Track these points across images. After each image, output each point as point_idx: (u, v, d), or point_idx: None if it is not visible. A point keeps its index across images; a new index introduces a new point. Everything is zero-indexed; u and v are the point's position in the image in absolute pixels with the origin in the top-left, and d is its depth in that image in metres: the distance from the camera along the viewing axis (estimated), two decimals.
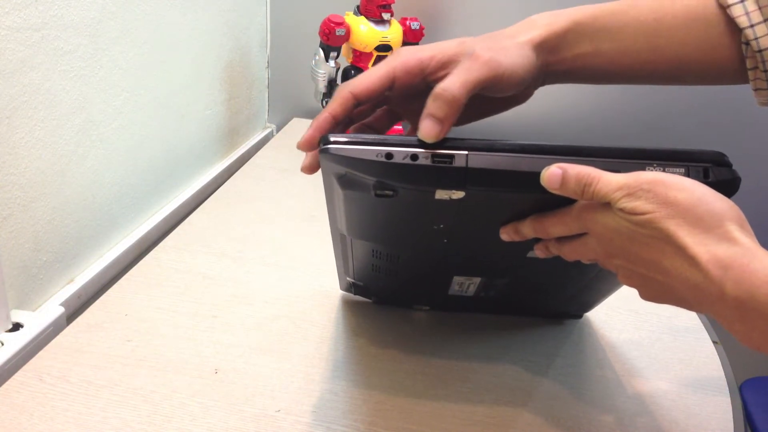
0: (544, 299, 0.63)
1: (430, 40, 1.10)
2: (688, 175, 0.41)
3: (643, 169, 0.41)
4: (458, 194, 0.43)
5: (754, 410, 0.81)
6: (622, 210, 0.39)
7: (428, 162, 0.42)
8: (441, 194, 0.43)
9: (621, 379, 0.60)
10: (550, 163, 0.42)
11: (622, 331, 0.67)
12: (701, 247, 0.37)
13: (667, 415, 0.56)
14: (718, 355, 0.64)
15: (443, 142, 0.42)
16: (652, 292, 0.42)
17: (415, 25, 1.02)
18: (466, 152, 0.42)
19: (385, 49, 0.99)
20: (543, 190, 0.42)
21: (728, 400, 0.59)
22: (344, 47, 1.01)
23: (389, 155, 0.42)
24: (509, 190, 0.43)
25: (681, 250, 0.37)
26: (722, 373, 0.62)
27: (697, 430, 0.55)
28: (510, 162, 0.42)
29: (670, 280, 0.39)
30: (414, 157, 0.42)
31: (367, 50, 0.99)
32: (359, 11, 0.99)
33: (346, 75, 1.01)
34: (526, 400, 0.57)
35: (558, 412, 0.56)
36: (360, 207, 0.48)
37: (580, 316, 0.68)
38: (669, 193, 0.38)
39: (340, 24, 0.96)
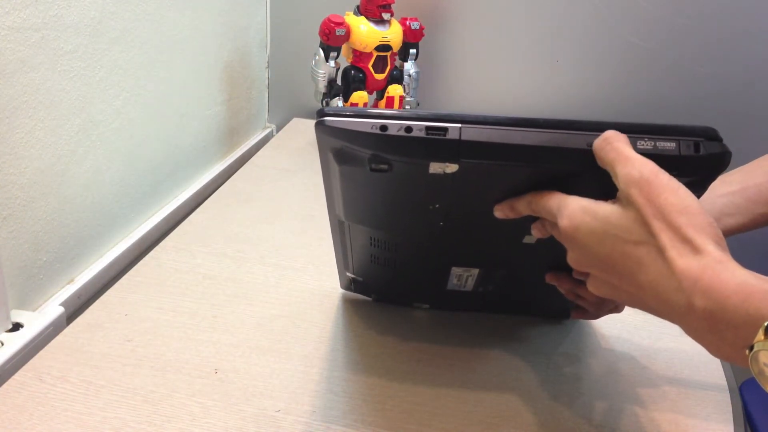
0: (543, 297, 0.63)
1: (430, 40, 1.11)
2: (679, 148, 0.42)
3: (635, 143, 0.42)
4: (452, 167, 0.43)
5: (754, 410, 0.81)
6: (619, 178, 0.40)
7: (422, 134, 0.42)
8: (435, 167, 0.43)
9: (621, 379, 0.60)
10: (541, 137, 0.42)
11: (621, 329, 0.67)
12: (679, 255, 0.37)
13: (667, 415, 0.56)
14: None
15: (438, 116, 0.43)
16: (621, 301, 0.42)
17: (415, 25, 1.02)
18: (459, 125, 0.42)
19: (385, 49, 1.00)
20: (534, 164, 0.43)
21: (728, 400, 0.59)
22: (344, 47, 1.01)
23: (384, 127, 0.42)
24: (502, 163, 0.43)
25: (660, 254, 0.38)
26: (722, 373, 0.62)
27: (697, 430, 0.55)
28: (503, 135, 0.42)
29: (641, 293, 0.39)
30: (408, 129, 0.42)
31: (367, 50, 0.99)
32: (359, 11, 0.99)
33: (346, 75, 1.02)
34: (526, 399, 0.57)
35: (558, 412, 0.56)
36: (356, 185, 0.48)
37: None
38: (661, 194, 0.38)
39: (340, 24, 0.96)
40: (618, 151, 0.40)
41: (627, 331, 0.67)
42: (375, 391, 0.57)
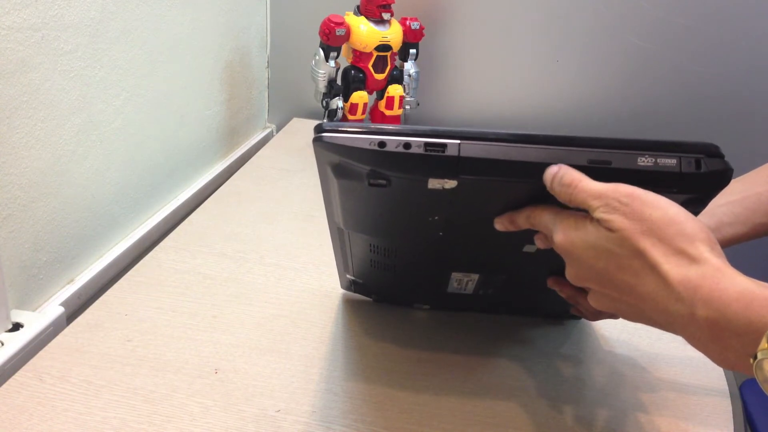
0: (544, 299, 0.63)
1: (430, 40, 1.11)
2: (680, 165, 0.42)
3: (635, 160, 0.41)
4: (451, 183, 0.43)
5: (754, 410, 0.81)
6: (599, 221, 0.39)
7: (421, 151, 0.42)
8: (434, 183, 0.43)
9: (621, 380, 0.60)
10: (541, 153, 0.42)
11: (622, 331, 0.67)
12: (674, 267, 0.37)
13: (667, 415, 0.56)
14: None
15: (436, 132, 0.42)
16: (622, 314, 0.42)
17: (415, 25, 1.02)
18: (458, 141, 0.42)
19: (385, 49, 0.99)
20: (533, 180, 0.43)
21: (728, 400, 0.59)
22: (344, 47, 1.01)
23: (382, 143, 0.42)
24: (501, 179, 0.43)
25: (653, 269, 0.37)
26: (722, 373, 0.62)
27: (697, 430, 0.55)
28: (502, 151, 0.42)
29: (642, 304, 0.39)
30: (407, 145, 0.42)
31: (367, 50, 0.99)
32: (359, 11, 0.99)
33: (346, 75, 1.02)
34: (526, 400, 0.57)
35: (557, 412, 0.56)
36: (355, 197, 0.48)
37: (580, 318, 0.68)
38: (645, 210, 0.38)
39: (340, 24, 0.96)
40: (586, 191, 0.40)
41: (627, 332, 0.67)
42: (375, 391, 0.57)
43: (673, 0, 1.02)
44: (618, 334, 0.66)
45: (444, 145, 0.42)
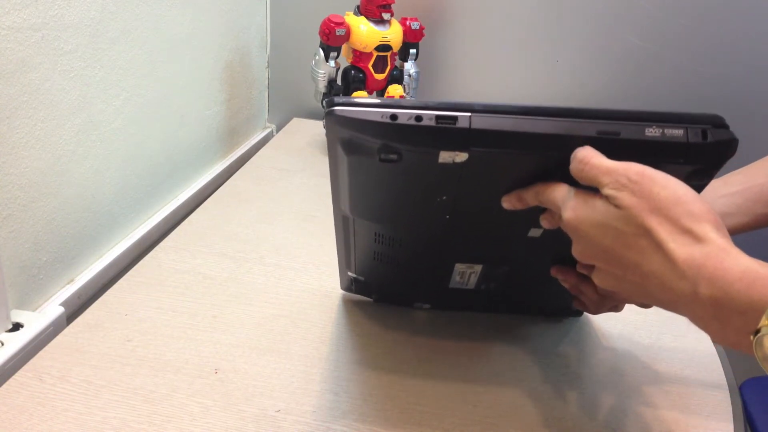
0: (545, 295, 0.63)
1: (430, 40, 1.11)
2: (687, 135, 0.42)
3: (643, 131, 0.42)
4: (462, 156, 0.43)
5: (754, 410, 0.81)
6: (608, 198, 0.40)
7: (432, 123, 0.42)
8: (444, 156, 0.44)
9: (621, 379, 0.60)
10: (551, 125, 0.43)
11: (623, 329, 0.67)
12: (679, 246, 0.37)
13: (668, 415, 0.56)
14: (718, 355, 0.64)
15: (447, 105, 0.43)
16: (626, 293, 0.43)
17: (415, 25, 1.02)
18: (469, 114, 0.42)
19: (385, 49, 0.99)
20: (543, 152, 0.43)
21: (728, 400, 0.59)
22: (344, 47, 1.01)
23: (394, 116, 0.43)
24: (511, 151, 0.43)
25: (659, 247, 0.38)
26: (722, 373, 0.62)
27: (698, 429, 0.55)
28: (512, 123, 0.43)
29: (646, 282, 0.40)
30: (418, 118, 0.42)
31: (367, 50, 0.99)
32: (359, 11, 0.99)
33: (346, 75, 1.02)
34: (526, 399, 0.57)
35: (557, 411, 0.56)
36: (364, 177, 0.49)
37: (580, 314, 0.68)
38: (653, 189, 0.39)
39: (340, 24, 0.96)
40: (598, 167, 0.41)
41: (628, 330, 0.67)
42: (375, 391, 0.57)
43: (673, 0, 1.02)
44: (619, 331, 0.66)
45: (455, 118, 0.42)
